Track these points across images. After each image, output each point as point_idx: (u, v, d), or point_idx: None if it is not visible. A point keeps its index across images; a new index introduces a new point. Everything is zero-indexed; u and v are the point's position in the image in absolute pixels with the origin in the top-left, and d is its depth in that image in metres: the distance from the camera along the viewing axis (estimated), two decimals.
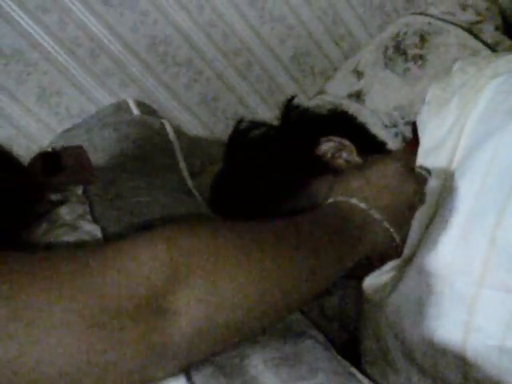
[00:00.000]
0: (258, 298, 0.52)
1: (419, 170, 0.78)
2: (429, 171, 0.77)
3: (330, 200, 0.71)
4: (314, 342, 0.58)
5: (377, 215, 0.68)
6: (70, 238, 0.57)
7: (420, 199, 0.75)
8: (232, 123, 1.03)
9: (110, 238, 0.60)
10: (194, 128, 1.20)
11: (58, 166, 0.72)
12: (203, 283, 0.47)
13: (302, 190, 0.85)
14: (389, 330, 0.76)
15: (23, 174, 0.65)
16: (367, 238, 0.67)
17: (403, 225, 0.73)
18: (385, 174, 0.74)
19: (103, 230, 0.61)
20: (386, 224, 0.69)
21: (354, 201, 0.69)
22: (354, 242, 0.65)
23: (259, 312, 0.52)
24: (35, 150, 1.00)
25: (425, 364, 0.72)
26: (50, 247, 0.56)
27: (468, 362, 0.66)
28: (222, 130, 1.21)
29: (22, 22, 0.97)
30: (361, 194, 0.70)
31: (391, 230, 0.70)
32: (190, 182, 0.86)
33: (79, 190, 0.69)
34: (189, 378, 0.48)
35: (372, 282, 0.78)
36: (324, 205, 0.71)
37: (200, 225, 0.54)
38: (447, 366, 0.69)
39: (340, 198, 0.70)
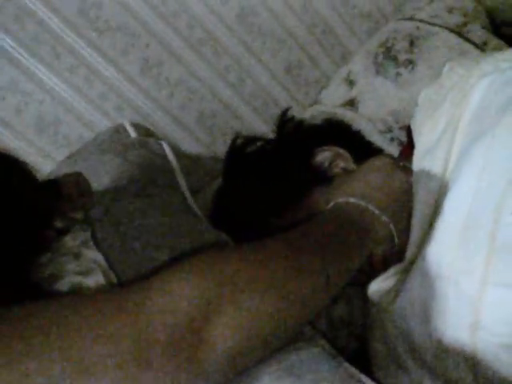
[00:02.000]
0: (284, 314, 0.53)
1: (403, 163, 0.80)
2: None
3: (331, 204, 0.73)
4: (320, 350, 0.59)
5: (376, 210, 0.70)
6: (72, 266, 0.58)
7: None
8: (229, 139, 1.04)
9: (113, 265, 0.60)
10: (191, 146, 1.21)
11: (58, 194, 0.73)
12: (236, 309, 0.49)
13: (302, 202, 0.85)
14: (397, 333, 0.77)
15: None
16: (369, 233, 0.69)
17: (400, 218, 0.75)
18: (373, 169, 0.78)
19: (106, 257, 0.61)
20: (384, 218, 0.71)
21: (351, 200, 0.71)
22: (358, 239, 0.67)
23: (286, 326, 0.54)
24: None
25: (435, 365, 0.72)
26: (53, 276, 0.57)
27: (477, 361, 0.66)
28: (219, 147, 1.22)
29: (16, 54, 0.98)
30: (356, 193, 0.72)
31: (389, 223, 0.71)
32: (191, 201, 0.87)
33: (81, 217, 0.70)
34: None
35: (377, 287, 0.78)
36: (326, 210, 0.73)
37: (227, 253, 0.57)
38: (457, 367, 0.69)
39: (339, 200, 0.72)
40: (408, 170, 0.78)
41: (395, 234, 0.73)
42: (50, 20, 1.00)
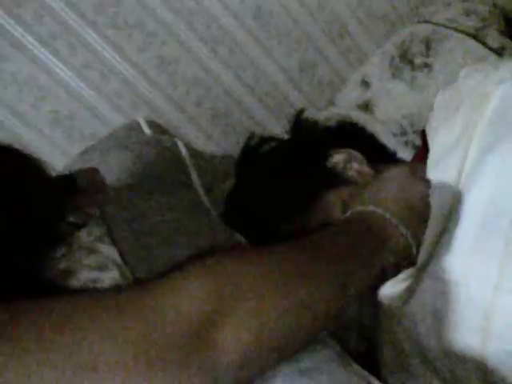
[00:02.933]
0: (295, 320, 0.53)
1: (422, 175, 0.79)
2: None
3: (349, 212, 0.72)
4: (332, 353, 0.59)
5: (394, 220, 0.70)
6: (87, 261, 0.58)
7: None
8: (243, 138, 1.05)
9: (128, 262, 0.61)
10: (205, 144, 1.21)
11: (73, 189, 0.73)
12: (248, 311, 0.49)
13: (315, 203, 0.85)
14: (406, 338, 0.76)
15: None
16: (388, 243, 0.68)
17: (418, 229, 0.74)
18: (392, 179, 0.77)
19: (121, 253, 0.62)
20: (402, 228, 0.70)
21: (371, 208, 0.70)
22: (377, 248, 0.67)
23: (297, 332, 0.54)
24: (52, 173, 1.01)
25: (444, 371, 0.72)
26: (68, 271, 0.57)
27: (487, 368, 0.66)
28: (233, 146, 1.22)
29: (33, 49, 0.99)
30: (376, 201, 0.72)
31: (407, 233, 0.71)
32: (205, 199, 0.87)
33: (96, 212, 0.71)
34: None
35: (388, 291, 0.78)
36: (344, 217, 0.73)
37: (241, 254, 0.56)
38: (466, 372, 0.68)
39: (358, 208, 0.71)
40: (427, 181, 0.78)
41: (413, 244, 0.73)
42: (68, 16, 1.01)
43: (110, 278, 0.57)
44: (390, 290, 0.78)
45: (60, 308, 0.44)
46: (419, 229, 0.75)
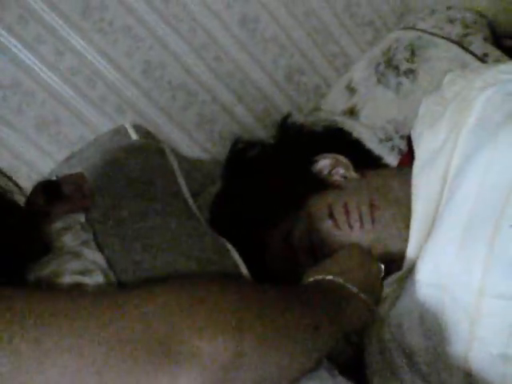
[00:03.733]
0: (273, 346, 0.52)
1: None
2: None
3: (309, 280, 0.72)
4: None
5: (353, 288, 0.71)
6: (73, 265, 0.58)
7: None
8: (229, 144, 1.05)
9: (113, 267, 0.60)
10: (191, 150, 1.21)
11: (59, 195, 0.73)
12: (222, 330, 0.48)
13: (301, 208, 0.86)
14: (392, 342, 0.77)
15: (19, 210, 0.66)
16: (349, 309, 0.69)
17: (374, 294, 0.76)
18: (350, 254, 0.79)
19: (107, 258, 0.61)
20: (362, 295, 0.71)
21: (330, 277, 0.71)
22: (339, 314, 0.67)
23: (274, 359, 0.53)
24: (36, 178, 1.00)
25: (429, 375, 0.72)
26: (53, 275, 0.57)
27: (472, 372, 0.67)
28: (219, 151, 1.22)
29: (19, 53, 0.98)
30: (334, 272, 0.72)
31: (367, 300, 0.72)
32: (192, 204, 0.87)
33: (82, 218, 0.70)
34: None
35: None
36: (303, 283, 0.72)
37: (229, 284, 0.57)
38: (451, 376, 0.69)
39: (318, 277, 0.71)
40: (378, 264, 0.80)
41: (373, 307, 0.74)
42: (54, 20, 1.00)
43: (94, 282, 0.57)
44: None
45: (38, 303, 0.44)
46: (376, 294, 0.77)
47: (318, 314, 0.61)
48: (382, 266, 0.79)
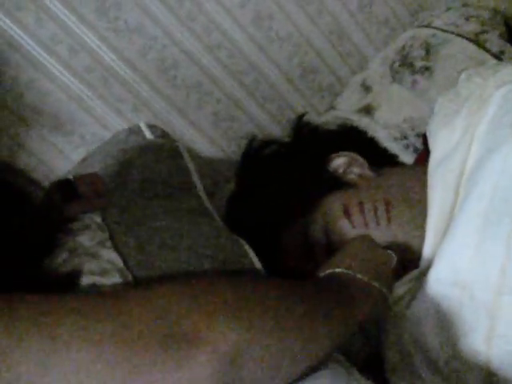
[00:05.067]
0: (284, 339, 0.53)
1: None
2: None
3: (320, 275, 0.72)
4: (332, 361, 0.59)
5: (364, 277, 0.70)
6: (89, 266, 0.58)
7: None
8: (244, 142, 1.05)
9: (130, 267, 0.61)
10: (206, 149, 1.21)
11: (74, 195, 0.73)
12: (231, 317, 0.48)
13: (316, 207, 0.86)
14: (410, 340, 0.77)
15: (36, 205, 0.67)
16: (361, 297, 0.68)
17: (389, 282, 0.75)
18: (358, 245, 0.79)
19: (123, 258, 0.62)
20: (374, 283, 0.71)
21: (339, 270, 0.71)
22: (351, 302, 0.66)
23: (283, 354, 0.52)
24: (53, 178, 1.02)
25: (449, 373, 0.72)
26: (70, 276, 0.57)
27: (492, 369, 0.66)
28: (234, 150, 1.22)
29: (34, 53, 0.98)
30: (344, 264, 0.72)
31: (379, 287, 0.71)
32: (207, 203, 0.87)
33: (98, 218, 0.71)
34: None
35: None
36: (316, 277, 0.72)
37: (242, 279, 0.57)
38: (471, 375, 0.69)
39: (327, 271, 0.71)
40: (388, 253, 0.79)
41: (388, 294, 0.74)
42: (68, 19, 1.00)
43: (111, 283, 0.57)
44: (394, 291, 0.78)
45: (49, 302, 0.44)
46: (389, 283, 0.76)
47: (328, 302, 0.61)
48: (393, 254, 0.78)
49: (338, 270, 0.70)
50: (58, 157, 1.07)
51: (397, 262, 0.78)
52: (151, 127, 1.08)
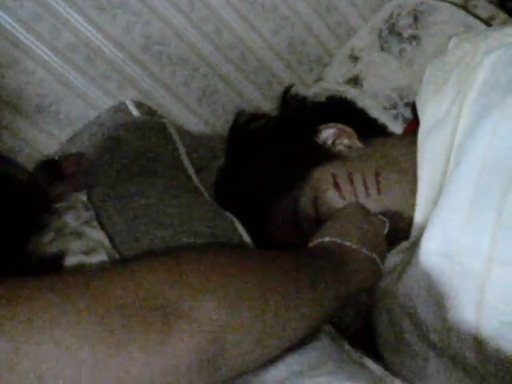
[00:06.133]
0: (268, 320, 0.51)
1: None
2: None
3: (309, 245, 0.71)
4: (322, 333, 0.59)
5: (354, 245, 0.69)
6: (76, 245, 0.58)
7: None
8: (232, 117, 1.04)
9: (117, 245, 0.60)
10: (194, 125, 1.20)
11: (60, 174, 0.73)
12: (215, 296, 0.47)
13: (305, 179, 0.85)
14: (402, 313, 0.77)
15: (20, 186, 0.66)
16: (351, 265, 0.67)
17: (381, 249, 0.75)
18: (348, 213, 0.77)
19: (109, 236, 0.61)
20: (364, 251, 0.70)
21: (328, 239, 0.70)
22: (340, 269, 0.65)
23: (269, 334, 0.52)
24: (39, 159, 1.00)
25: (440, 344, 0.72)
26: (56, 256, 0.57)
27: (482, 340, 0.66)
28: (223, 125, 1.20)
29: (14, 31, 0.96)
30: (333, 233, 0.71)
31: (370, 255, 0.70)
32: (195, 179, 0.86)
33: (84, 197, 0.70)
34: None
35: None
36: (302, 248, 0.71)
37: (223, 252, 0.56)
38: (462, 345, 0.69)
39: (316, 241, 0.71)
40: (380, 219, 0.79)
41: (380, 262, 0.73)
42: None
43: (98, 261, 0.57)
44: (384, 264, 0.78)
45: (26, 284, 0.43)
46: (383, 248, 0.75)
47: (314, 270, 0.60)
48: (385, 220, 0.78)
49: (327, 239, 0.70)
50: (44, 137, 1.05)
51: (389, 228, 0.78)
52: (137, 104, 1.06)
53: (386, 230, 0.77)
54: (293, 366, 0.50)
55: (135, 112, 1.04)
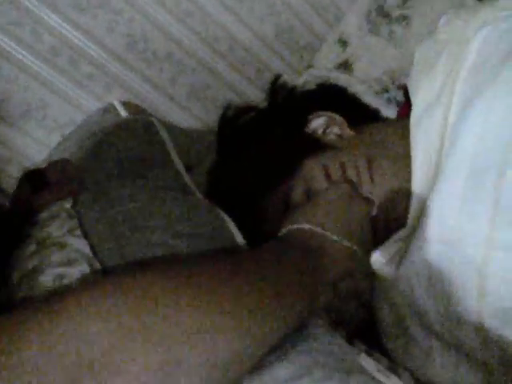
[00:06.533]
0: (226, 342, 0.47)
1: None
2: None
3: (283, 231, 0.69)
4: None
5: (333, 236, 0.67)
6: (57, 257, 0.56)
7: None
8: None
9: (98, 253, 0.58)
10: (185, 121, 1.18)
11: (44, 183, 0.71)
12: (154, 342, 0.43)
13: (296, 171, 0.83)
14: (404, 302, 0.75)
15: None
16: (326, 258, 0.65)
17: (363, 239, 0.72)
18: (332, 198, 0.74)
19: (92, 245, 0.59)
20: (345, 242, 0.67)
21: (302, 226, 0.67)
22: (317, 270, 0.62)
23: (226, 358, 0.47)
24: (29, 166, 1.00)
25: (443, 332, 0.70)
26: (36, 269, 0.55)
27: (485, 327, 0.65)
28: (214, 119, 1.18)
29: None
30: (313, 220, 0.68)
31: (349, 245, 0.68)
32: (186, 177, 0.85)
33: (68, 204, 0.68)
34: None
35: (379, 255, 0.76)
36: (278, 237, 0.69)
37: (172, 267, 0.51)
38: (465, 332, 0.67)
39: (291, 227, 0.68)
40: (368, 199, 0.76)
41: (360, 252, 0.70)
42: (27, 1, 0.97)
43: (79, 271, 0.55)
44: (382, 254, 0.76)
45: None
46: (365, 242, 0.72)
47: (281, 277, 0.55)
48: (373, 199, 0.76)
49: (301, 226, 0.67)
50: (32, 144, 1.04)
51: (380, 210, 0.75)
52: (125, 104, 1.05)
53: (373, 212, 0.75)
54: (280, 374, 0.48)
55: (123, 112, 1.02)
